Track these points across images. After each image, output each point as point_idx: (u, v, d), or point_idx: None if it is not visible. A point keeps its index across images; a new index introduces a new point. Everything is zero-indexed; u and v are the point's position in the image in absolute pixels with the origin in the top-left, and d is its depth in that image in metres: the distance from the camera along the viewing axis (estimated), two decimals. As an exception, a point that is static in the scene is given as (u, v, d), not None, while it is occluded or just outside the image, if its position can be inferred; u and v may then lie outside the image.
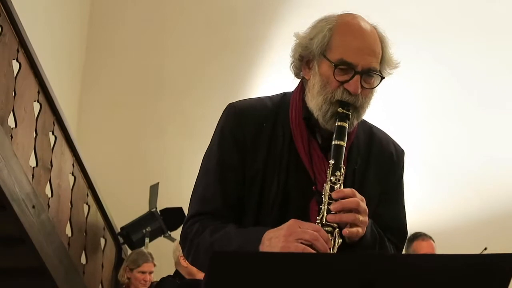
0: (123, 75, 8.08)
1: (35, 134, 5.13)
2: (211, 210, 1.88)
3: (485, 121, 7.32)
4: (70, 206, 5.73)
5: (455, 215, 7.08)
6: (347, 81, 1.84)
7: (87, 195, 6.12)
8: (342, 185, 1.78)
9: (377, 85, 1.90)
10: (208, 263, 1.74)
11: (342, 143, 1.81)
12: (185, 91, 7.95)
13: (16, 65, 4.95)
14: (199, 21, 8.13)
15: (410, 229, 5.45)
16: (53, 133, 5.45)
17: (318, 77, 1.87)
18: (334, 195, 1.75)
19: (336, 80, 1.84)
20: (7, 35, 4.83)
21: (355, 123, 1.90)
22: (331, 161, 1.79)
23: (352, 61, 1.83)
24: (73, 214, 5.77)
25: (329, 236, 1.71)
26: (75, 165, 5.82)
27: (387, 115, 7.40)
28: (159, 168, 7.49)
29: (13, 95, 4.84)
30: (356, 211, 1.74)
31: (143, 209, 6.64)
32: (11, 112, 4.80)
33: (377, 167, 1.97)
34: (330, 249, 1.69)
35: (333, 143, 1.82)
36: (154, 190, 6.66)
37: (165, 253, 5.64)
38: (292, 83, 2.01)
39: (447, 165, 7.26)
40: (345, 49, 1.84)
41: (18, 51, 4.96)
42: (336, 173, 1.78)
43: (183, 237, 1.91)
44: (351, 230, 1.72)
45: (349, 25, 1.89)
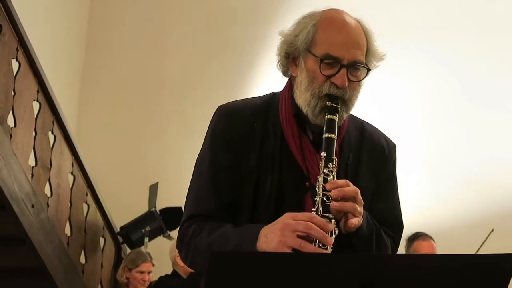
0: (122, 74, 8.09)
1: (34, 133, 5.13)
2: (206, 211, 1.89)
3: (485, 121, 7.32)
4: (69, 205, 5.73)
5: (455, 215, 7.08)
6: (333, 75, 1.85)
7: (87, 194, 6.12)
8: (335, 176, 1.79)
9: (364, 78, 1.91)
10: (207, 263, 1.76)
11: (332, 135, 1.82)
12: (185, 91, 7.95)
13: (15, 65, 4.95)
14: (199, 21, 8.13)
15: (410, 229, 5.48)
16: (52, 133, 5.45)
17: (305, 73, 1.89)
18: (328, 187, 1.75)
19: (322, 74, 1.85)
20: (7, 35, 4.83)
21: (345, 116, 1.91)
22: (323, 154, 1.80)
23: (337, 55, 1.84)
24: (72, 213, 5.77)
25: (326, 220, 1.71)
26: (74, 164, 5.82)
27: (387, 115, 7.41)
28: (158, 167, 7.49)
29: (13, 94, 4.85)
30: (353, 200, 1.74)
31: (142, 208, 6.63)
32: (10, 111, 4.80)
33: (369, 162, 1.99)
34: (328, 233, 1.68)
35: (323, 136, 1.83)
36: (153, 189, 6.67)
37: (164, 253, 5.63)
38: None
39: (447, 165, 7.26)
40: (329, 44, 1.85)
41: (17, 50, 4.96)
42: (328, 165, 1.79)
43: (179, 240, 1.92)
44: (352, 221, 1.73)
45: (333, 20, 1.90)
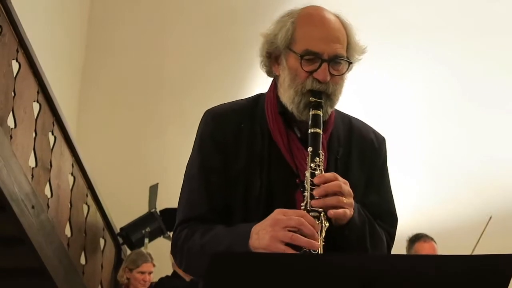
0: (122, 75, 8.08)
1: (34, 134, 5.13)
2: (198, 214, 1.90)
3: (485, 121, 7.32)
4: (69, 206, 5.73)
5: (455, 215, 7.08)
6: (315, 70, 1.86)
7: (87, 195, 6.11)
8: (322, 170, 1.79)
9: (346, 71, 1.92)
10: (201, 266, 1.75)
11: (318, 130, 1.83)
12: (185, 91, 7.95)
13: (15, 65, 4.95)
14: (199, 21, 8.13)
15: (410, 229, 5.48)
16: (52, 134, 5.45)
17: (287, 71, 1.90)
18: (315, 181, 1.75)
19: (304, 70, 1.86)
20: (7, 35, 4.83)
21: (329, 110, 1.92)
22: (309, 149, 1.81)
23: (317, 50, 1.85)
24: (72, 214, 5.77)
25: (316, 220, 1.71)
26: (74, 165, 5.81)
27: (387, 114, 7.41)
28: (158, 168, 7.48)
29: (13, 95, 4.84)
30: (339, 193, 1.74)
31: (142, 209, 6.63)
32: (10, 112, 4.80)
33: (359, 156, 1.99)
34: (317, 232, 1.69)
35: (309, 131, 1.84)
36: (153, 190, 6.66)
37: (164, 254, 5.62)
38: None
39: (447, 165, 7.26)
40: (309, 39, 1.86)
41: (17, 51, 4.96)
42: (315, 160, 1.79)
43: (173, 245, 1.93)
44: (336, 211, 1.73)
45: (311, 16, 1.91)
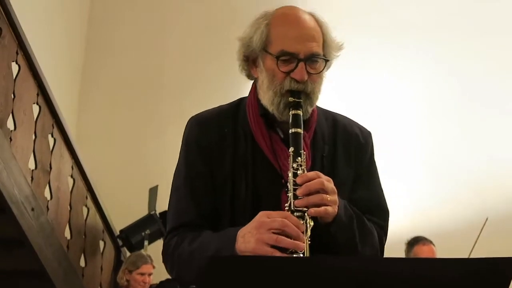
0: (122, 76, 8.08)
1: (34, 136, 5.12)
2: (186, 222, 1.90)
3: (485, 122, 7.32)
4: (69, 208, 5.73)
5: (455, 215, 7.07)
6: (292, 71, 1.86)
7: (86, 197, 6.11)
8: (305, 170, 1.79)
9: (324, 69, 1.92)
10: (193, 272, 1.79)
11: (299, 130, 1.83)
12: (184, 92, 7.94)
13: (15, 67, 4.94)
14: (198, 21, 8.12)
15: (410, 229, 5.46)
16: (52, 136, 5.44)
17: (264, 73, 1.90)
18: (298, 181, 1.75)
19: (281, 71, 1.86)
20: (7, 37, 4.82)
21: (310, 109, 1.91)
22: (291, 149, 1.81)
23: (292, 50, 1.85)
24: (72, 216, 5.76)
25: (300, 220, 1.71)
26: (74, 167, 5.81)
27: (387, 115, 7.41)
28: (158, 170, 7.47)
29: (12, 97, 4.84)
30: (322, 191, 1.74)
31: (142, 211, 6.62)
32: (10, 114, 4.79)
33: (345, 152, 1.99)
34: (303, 232, 1.69)
35: (290, 131, 1.84)
36: (153, 192, 6.66)
37: (164, 256, 5.63)
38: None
39: (447, 166, 7.25)
40: (284, 40, 1.86)
41: (17, 53, 4.95)
42: (297, 159, 1.79)
43: (164, 253, 1.94)
44: (317, 209, 1.73)
45: (285, 16, 1.92)
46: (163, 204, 6.68)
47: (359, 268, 1.43)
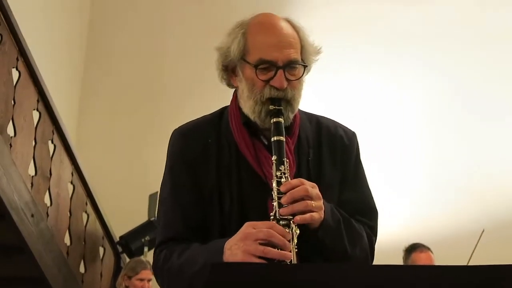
0: (122, 83, 8.09)
1: (34, 142, 5.12)
2: (174, 235, 1.91)
3: (485, 128, 7.33)
4: (69, 215, 5.72)
5: (455, 223, 7.07)
6: (271, 78, 1.86)
7: (86, 204, 6.10)
8: (288, 177, 1.79)
9: (303, 75, 1.92)
10: (183, 285, 1.79)
11: (281, 138, 1.83)
12: (185, 98, 7.95)
13: (15, 74, 4.95)
14: (199, 26, 8.13)
15: (409, 237, 5.44)
16: (52, 142, 5.44)
17: (244, 82, 1.91)
18: (282, 189, 1.76)
19: (260, 80, 1.87)
20: (7, 44, 4.83)
21: (291, 115, 1.92)
22: (274, 157, 1.81)
23: (270, 58, 1.85)
24: (72, 223, 5.76)
25: (286, 228, 1.71)
26: (74, 174, 5.81)
27: (387, 124, 7.41)
28: (158, 176, 7.41)
29: (13, 103, 4.84)
30: (307, 197, 1.75)
31: (142, 218, 6.62)
32: (10, 120, 4.79)
33: (331, 154, 1.99)
34: (289, 241, 1.69)
35: (272, 139, 1.84)
36: (153, 199, 6.65)
37: (164, 262, 5.62)
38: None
39: (446, 173, 7.25)
40: (261, 48, 1.87)
41: (17, 59, 4.96)
42: (280, 168, 1.79)
43: (154, 268, 1.94)
44: (302, 217, 1.73)
45: (261, 24, 1.92)
46: (163, 210, 6.70)
47: (363, 275, 1.43)
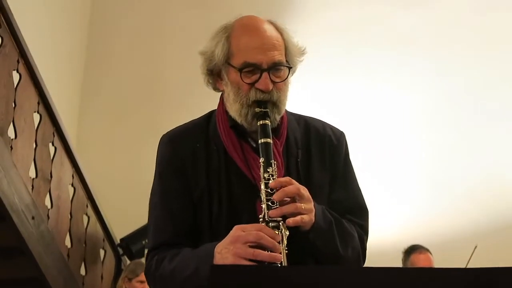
0: (123, 85, 8.09)
1: (35, 145, 5.12)
2: (165, 240, 1.91)
3: (485, 132, 7.32)
4: (69, 217, 5.71)
5: (455, 227, 7.06)
6: (257, 81, 1.87)
7: (87, 206, 6.10)
8: (276, 179, 1.80)
9: (288, 76, 1.92)
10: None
11: (268, 140, 1.84)
12: (185, 101, 7.95)
13: (16, 76, 4.94)
14: (198, 29, 8.13)
15: (409, 241, 5.43)
16: (53, 144, 5.44)
17: (229, 86, 1.92)
18: (271, 185, 1.76)
19: (245, 83, 1.88)
20: (8, 46, 4.83)
21: (278, 117, 1.92)
22: (261, 159, 1.82)
23: (255, 61, 1.86)
24: (72, 225, 5.75)
25: (276, 230, 1.72)
26: (74, 176, 5.80)
27: (387, 126, 7.41)
28: (159, 178, 7.47)
29: (13, 106, 4.83)
30: (298, 197, 1.75)
31: (142, 220, 6.57)
32: (11, 123, 4.79)
33: (320, 154, 2.00)
34: (279, 242, 1.70)
35: (259, 142, 1.85)
36: (154, 201, 6.64)
37: (164, 265, 5.61)
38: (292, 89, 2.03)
39: (447, 177, 7.25)
40: (245, 52, 1.88)
41: (18, 62, 4.95)
42: (268, 169, 1.80)
43: (146, 274, 1.95)
44: (294, 219, 1.73)
45: (244, 27, 1.93)
46: (163, 212, 6.69)
47: (364, 277, 1.42)
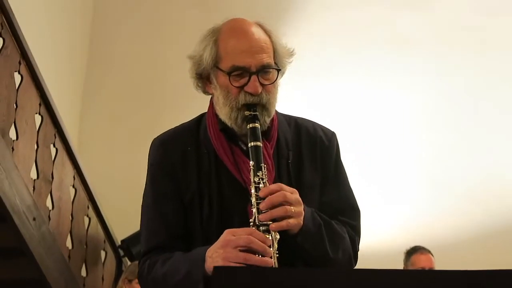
0: (124, 87, 8.09)
1: (36, 146, 5.11)
2: (158, 244, 1.91)
3: (485, 134, 7.32)
4: (70, 218, 5.71)
5: (456, 228, 7.06)
6: (246, 84, 1.86)
7: (88, 207, 6.10)
8: (267, 183, 1.79)
9: (277, 78, 1.92)
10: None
11: (258, 143, 1.84)
12: (186, 101, 7.93)
13: (17, 77, 4.94)
14: (200, 31, 8.12)
15: (410, 242, 5.43)
16: (54, 146, 5.43)
17: (219, 89, 1.92)
18: (260, 194, 1.76)
19: (234, 86, 1.87)
20: (9, 48, 4.83)
21: (268, 120, 1.92)
22: (251, 163, 1.81)
23: (243, 64, 1.86)
24: (73, 226, 5.75)
25: (266, 234, 1.72)
26: (76, 177, 5.80)
27: (387, 127, 7.41)
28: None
29: (15, 107, 4.83)
30: (286, 203, 1.75)
31: (143, 221, 6.61)
32: (12, 124, 4.79)
33: (311, 156, 1.99)
34: (269, 246, 1.70)
35: (249, 145, 1.84)
36: (155, 202, 6.64)
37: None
38: (291, 90, 2.03)
39: (447, 178, 7.25)
40: (233, 55, 1.87)
41: (20, 63, 4.95)
42: (258, 173, 1.80)
43: (139, 277, 1.95)
44: (278, 224, 1.73)
45: (231, 30, 1.92)
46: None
47: (365, 280, 1.43)
